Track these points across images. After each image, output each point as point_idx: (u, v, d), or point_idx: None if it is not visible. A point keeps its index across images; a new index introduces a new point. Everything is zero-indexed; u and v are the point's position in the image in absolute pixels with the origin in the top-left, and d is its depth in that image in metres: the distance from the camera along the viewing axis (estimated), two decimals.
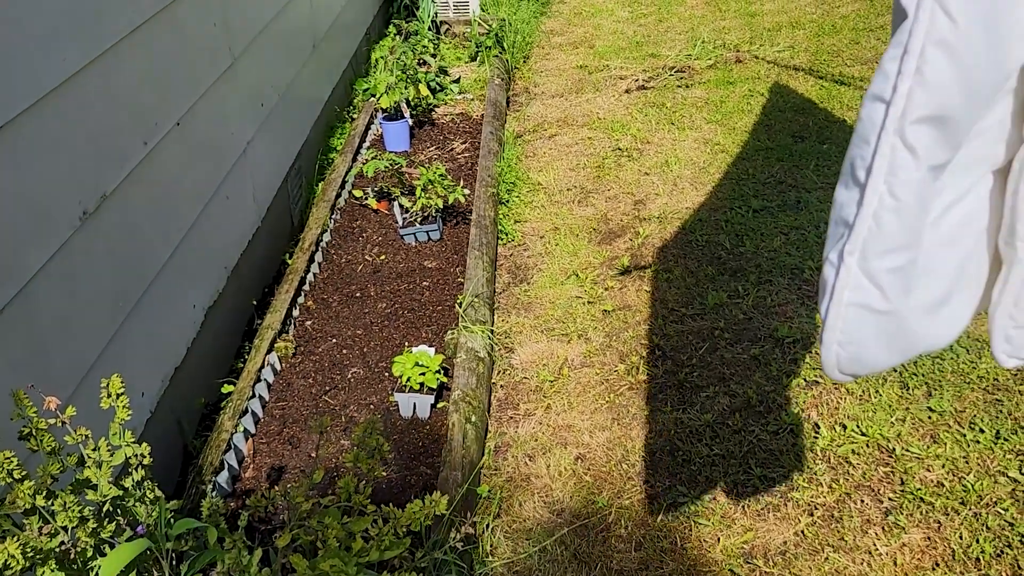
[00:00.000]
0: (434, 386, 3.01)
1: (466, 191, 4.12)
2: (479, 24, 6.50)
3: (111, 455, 1.69)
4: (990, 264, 1.21)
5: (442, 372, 3.07)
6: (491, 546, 2.58)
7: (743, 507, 2.63)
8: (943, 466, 2.65)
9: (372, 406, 3.08)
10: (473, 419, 2.90)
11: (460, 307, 3.43)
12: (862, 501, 2.59)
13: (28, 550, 1.45)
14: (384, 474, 2.77)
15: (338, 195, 4.44)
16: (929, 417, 2.83)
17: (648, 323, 3.46)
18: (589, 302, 3.64)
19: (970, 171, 1.12)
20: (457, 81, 5.85)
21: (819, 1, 6.92)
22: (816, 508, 2.58)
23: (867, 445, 2.76)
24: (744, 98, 5.32)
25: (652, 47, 6.42)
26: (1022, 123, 1.07)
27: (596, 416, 3.04)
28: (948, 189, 1.11)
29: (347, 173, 4.63)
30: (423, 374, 2.99)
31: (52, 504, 1.58)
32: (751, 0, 7.17)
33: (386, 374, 3.20)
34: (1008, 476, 2.58)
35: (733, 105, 5.24)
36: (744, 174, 4.44)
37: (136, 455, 1.77)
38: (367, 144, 5.09)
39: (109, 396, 1.75)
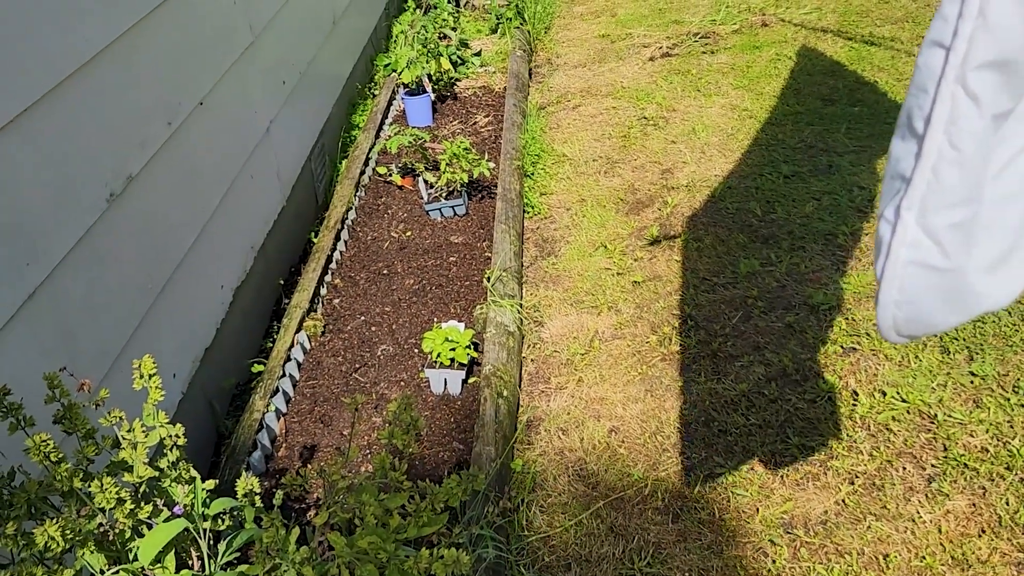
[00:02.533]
0: (465, 361, 2.98)
1: (491, 164, 4.08)
2: None
3: (145, 436, 1.68)
4: None
5: (472, 347, 3.04)
6: (527, 520, 2.56)
7: (781, 477, 2.59)
8: (987, 431, 2.60)
9: (403, 383, 3.06)
10: (505, 394, 2.87)
11: (488, 282, 3.39)
12: (904, 468, 2.54)
13: (67, 532, 1.44)
14: (417, 450, 2.76)
15: (362, 172, 4.41)
16: (971, 382, 2.77)
17: (679, 293, 3.41)
18: (618, 273, 3.59)
19: None
20: (478, 54, 5.79)
21: None
22: (857, 476, 2.54)
23: (908, 412, 2.71)
24: (771, 62, 5.22)
25: (675, 13, 6.32)
26: None
27: (629, 388, 3.01)
28: (1011, 140, 1.05)
29: (370, 150, 4.60)
30: (453, 349, 2.97)
31: (89, 486, 1.57)
32: None
33: (416, 350, 3.18)
34: None
35: (760, 70, 5.14)
36: (773, 139, 4.36)
37: (170, 436, 1.75)
38: (389, 120, 5.05)
39: (141, 377, 1.73)
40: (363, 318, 3.41)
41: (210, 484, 1.79)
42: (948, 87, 0.97)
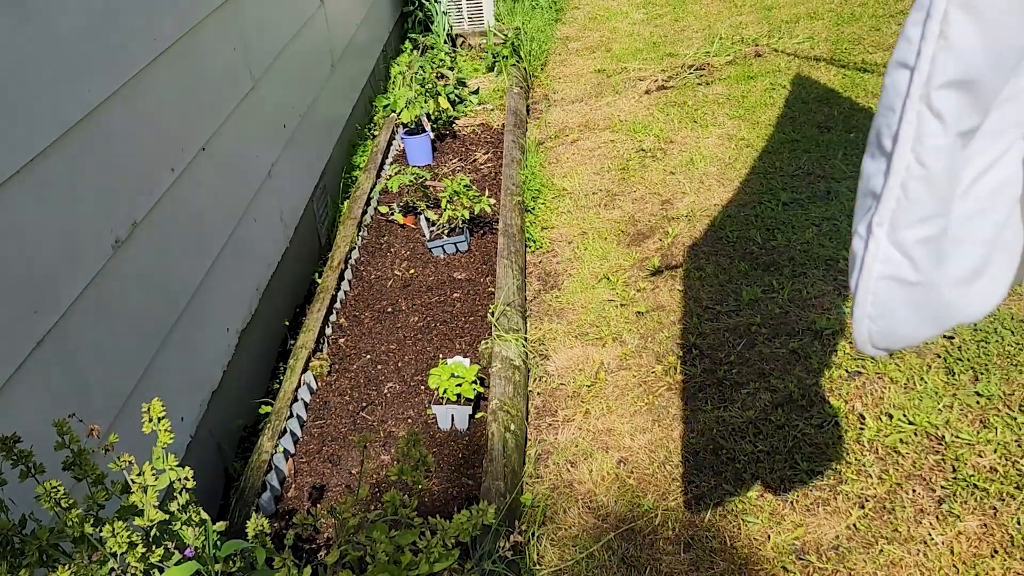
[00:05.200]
0: (471, 396, 2.99)
1: (491, 201, 4.11)
2: (494, 34, 6.50)
3: (155, 479, 1.69)
4: None
5: (478, 382, 3.05)
6: (538, 555, 2.55)
7: (792, 503, 2.58)
8: (995, 451, 2.59)
9: (410, 420, 3.06)
10: (512, 428, 2.88)
11: (492, 316, 3.41)
12: (914, 491, 2.53)
13: None
14: (427, 486, 2.76)
15: (364, 212, 4.45)
16: (977, 402, 2.77)
17: (683, 322, 3.42)
18: (622, 304, 3.61)
19: (1001, 137, 1.09)
20: (476, 92, 5.86)
21: None
22: (867, 500, 2.53)
23: (915, 434, 2.71)
24: (766, 92, 5.28)
25: (670, 47, 6.39)
26: None
27: (636, 418, 3.01)
28: (979, 156, 1.08)
29: (372, 189, 4.64)
30: (459, 385, 2.98)
31: (100, 531, 1.58)
32: None
33: (422, 387, 3.19)
34: None
35: (755, 99, 5.20)
36: (771, 167, 4.40)
37: (180, 479, 1.76)
38: (390, 160, 5.10)
39: (151, 420, 1.74)
40: (369, 356, 3.42)
41: (220, 526, 1.79)
42: (913, 106, 0.99)
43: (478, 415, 3.03)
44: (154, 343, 2.54)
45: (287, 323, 3.69)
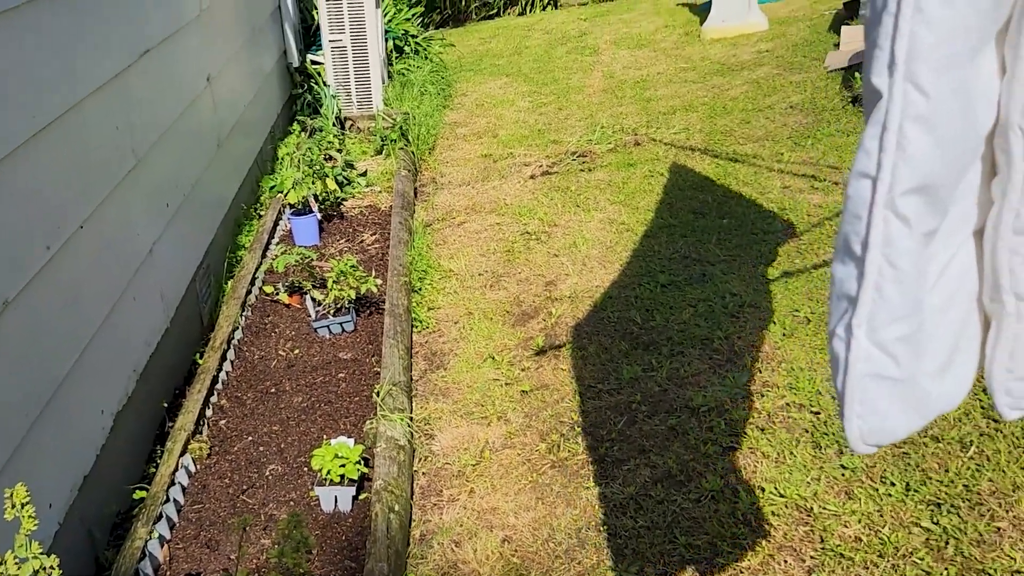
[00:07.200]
0: (355, 477, 2.96)
1: (378, 281, 4.14)
2: (383, 118, 6.61)
3: (18, 568, 1.62)
4: (982, 323, 1.27)
5: (363, 463, 3.03)
6: None
7: None
8: (859, 521, 2.72)
9: (293, 502, 3.01)
10: (396, 508, 2.86)
11: (378, 397, 3.41)
12: (785, 561, 2.63)
13: None
14: (308, 569, 2.71)
15: (248, 292, 4.40)
16: (842, 474, 2.91)
17: (566, 401, 3.49)
18: (507, 383, 3.66)
19: (955, 235, 1.18)
20: (364, 174, 5.92)
21: (709, 85, 7.27)
22: (741, 572, 2.61)
23: (786, 506, 2.82)
24: (645, 178, 5.51)
25: (554, 134, 6.63)
26: (990, 185, 1.15)
27: (520, 497, 3.04)
28: (939, 254, 1.16)
29: (257, 269, 4.60)
30: (343, 466, 2.95)
31: None
32: (646, 87, 7.49)
33: (305, 469, 3.15)
34: (921, 526, 2.67)
35: (635, 186, 5.42)
36: (650, 251, 4.58)
37: (44, 568, 1.70)
38: (276, 240, 5.08)
39: (13, 507, 1.68)
40: (251, 438, 3.35)
41: None
42: (880, 212, 1.07)
43: (362, 496, 3.00)
44: (22, 426, 2.44)
45: (166, 405, 3.59)
